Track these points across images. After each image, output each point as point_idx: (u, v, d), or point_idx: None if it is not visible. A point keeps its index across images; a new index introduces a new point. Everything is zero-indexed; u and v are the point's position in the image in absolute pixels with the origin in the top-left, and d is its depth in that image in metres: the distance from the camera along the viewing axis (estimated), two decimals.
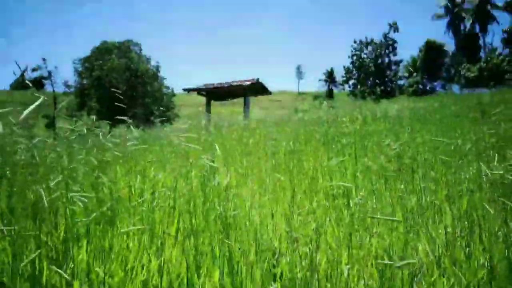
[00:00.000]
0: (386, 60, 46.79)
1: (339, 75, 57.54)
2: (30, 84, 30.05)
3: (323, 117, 7.55)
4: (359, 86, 45.78)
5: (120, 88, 30.77)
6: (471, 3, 46.52)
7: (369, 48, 47.10)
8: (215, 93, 16.10)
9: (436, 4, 49.83)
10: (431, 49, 44.10)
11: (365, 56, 47.32)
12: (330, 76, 68.94)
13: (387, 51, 46.53)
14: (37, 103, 1.49)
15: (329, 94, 59.22)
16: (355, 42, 47.77)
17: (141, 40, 41.31)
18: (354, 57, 47.70)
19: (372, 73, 46.07)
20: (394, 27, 46.02)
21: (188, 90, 15.73)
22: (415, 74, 46.47)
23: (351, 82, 48.41)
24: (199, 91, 15.67)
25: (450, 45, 47.64)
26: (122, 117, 3.26)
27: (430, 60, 43.55)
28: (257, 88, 15.44)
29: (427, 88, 44.37)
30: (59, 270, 1.63)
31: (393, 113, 7.93)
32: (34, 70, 30.80)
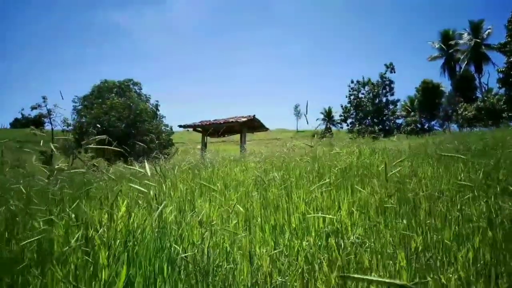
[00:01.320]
0: (384, 99, 47.21)
1: (337, 114, 58.08)
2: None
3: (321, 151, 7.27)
4: (357, 125, 45.91)
5: (119, 126, 30.80)
6: (465, 44, 47.42)
7: (366, 88, 47.68)
8: (212, 129, 15.90)
9: (431, 46, 50.83)
10: (428, 89, 44.61)
11: (362, 95, 47.82)
12: (328, 115, 69.51)
13: (384, 91, 47.05)
14: None
15: (328, 133, 59.35)
16: (352, 82, 48.44)
17: (139, 79, 41.70)
18: (352, 97, 48.17)
19: (370, 112, 46.35)
20: (390, 67, 46.78)
21: (184, 127, 15.56)
22: (412, 113, 46.72)
23: (349, 121, 48.64)
24: (195, 127, 15.50)
25: (446, 85, 48.24)
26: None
27: (427, 100, 43.95)
28: (254, 125, 15.26)
29: (425, 127, 44.54)
30: None
31: (391, 148, 7.66)
32: (33, 108, 30.78)
